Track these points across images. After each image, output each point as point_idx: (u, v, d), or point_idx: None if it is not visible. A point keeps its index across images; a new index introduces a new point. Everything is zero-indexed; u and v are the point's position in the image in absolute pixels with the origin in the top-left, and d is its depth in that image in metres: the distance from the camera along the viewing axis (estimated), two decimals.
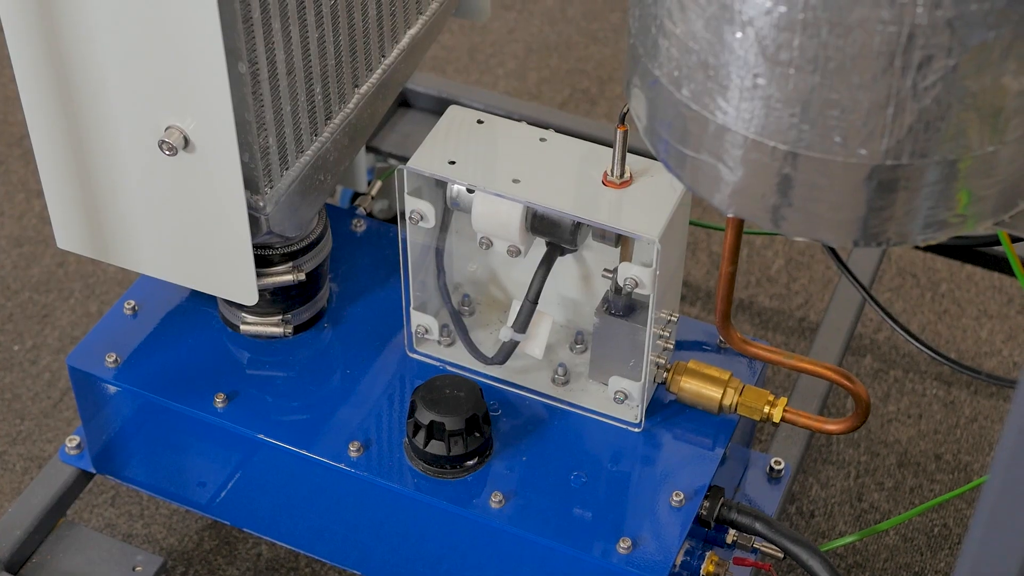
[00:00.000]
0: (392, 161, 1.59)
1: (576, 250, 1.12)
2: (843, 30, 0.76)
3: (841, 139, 0.80)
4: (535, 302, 1.12)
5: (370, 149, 1.59)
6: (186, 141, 1.02)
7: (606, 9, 2.09)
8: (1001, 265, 1.53)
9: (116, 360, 1.19)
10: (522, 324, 1.13)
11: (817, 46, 0.77)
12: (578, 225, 1.09)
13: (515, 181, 1.08)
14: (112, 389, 1.19)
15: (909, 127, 0.79)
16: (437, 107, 1.62)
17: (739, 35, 0.79)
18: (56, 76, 1.03)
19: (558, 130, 1.16)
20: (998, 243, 1.31)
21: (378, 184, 1.39)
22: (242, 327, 1.21)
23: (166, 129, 1.01)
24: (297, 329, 1.22)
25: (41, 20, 1.00)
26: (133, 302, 1.24)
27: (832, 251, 1.20)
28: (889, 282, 1.68)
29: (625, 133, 1.05)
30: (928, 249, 1.57)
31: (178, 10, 0.95)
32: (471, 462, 1.11)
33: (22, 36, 1.02)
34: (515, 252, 1.11)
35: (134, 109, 1.02)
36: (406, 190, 1.11)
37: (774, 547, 1.13)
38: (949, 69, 0.76)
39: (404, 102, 1.64)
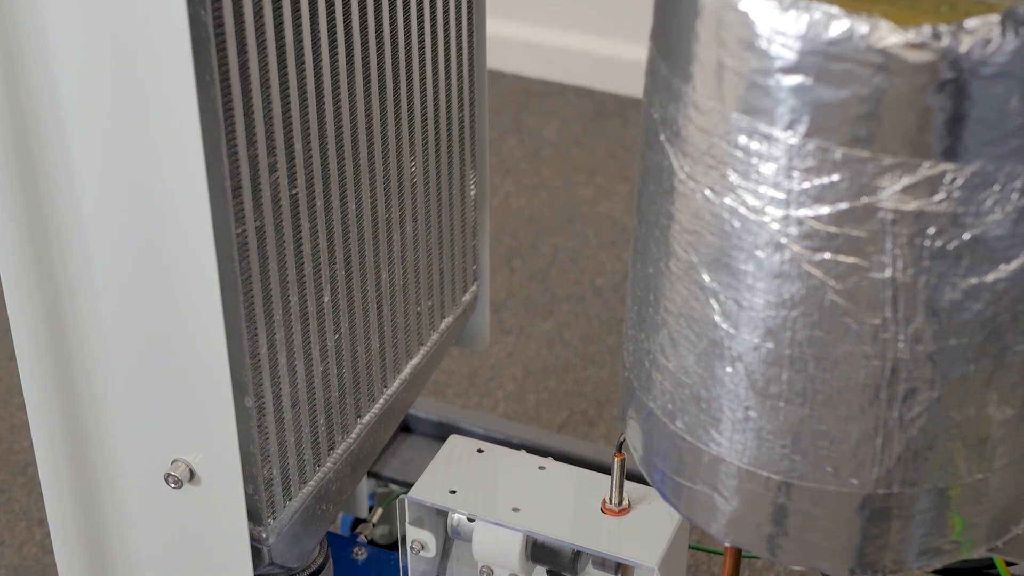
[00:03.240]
0: (393, 486, 1.60)
1: None
2: (829, 364, 0.79)
3: (832, 469, 0.82)
4: None
5: (371, 475, 1.59)
6: (192, 474, 1.03)
7: (603, 332, 2.14)
8: None
9: None
10: None
11: (805, 380, 0.80)
12: (577, 553, 1.10)
13: (515, 510, 1.09)
14: None
15: (898, 456, 0.81)
16: (438, 432, 1.63)
17: (729, 370, 0.82)
18: (66, 408, 1.06)
19: (557, 455, 1.18)
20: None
21: (379, 511, 1.40)
22: None
23: (172, 462, 1.03)
24: None
25: (54, 354, 1.03)
26: None
27: None
28: None
29: (622, 462, 1.07)
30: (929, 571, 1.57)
31: (189, 350, 0.98)
32: None
33: (36, 373, 1.05)
34: None
35: (142, 443, 1.04)
36: (407, 519, 1.12)
37: None
38: (933, 400, 0.79)
39: (405, 427, 1.66)
